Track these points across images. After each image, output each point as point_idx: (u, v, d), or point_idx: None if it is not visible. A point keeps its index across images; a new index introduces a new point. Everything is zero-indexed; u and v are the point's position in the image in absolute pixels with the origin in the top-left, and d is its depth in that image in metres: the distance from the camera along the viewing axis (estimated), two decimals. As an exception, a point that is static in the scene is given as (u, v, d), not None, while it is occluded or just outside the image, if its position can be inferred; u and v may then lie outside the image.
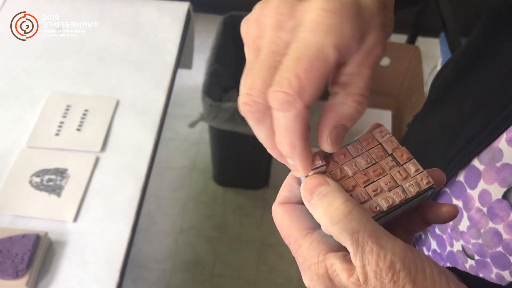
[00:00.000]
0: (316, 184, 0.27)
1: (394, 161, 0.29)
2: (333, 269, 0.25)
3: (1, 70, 0.87)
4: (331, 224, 0.25)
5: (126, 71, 0.88)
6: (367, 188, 0.28)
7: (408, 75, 1.68)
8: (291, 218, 0.28)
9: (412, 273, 0.24)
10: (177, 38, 0.94)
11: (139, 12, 0.98)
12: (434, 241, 0.46)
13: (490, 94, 0.38)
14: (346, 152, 0.30)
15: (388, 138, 0.30)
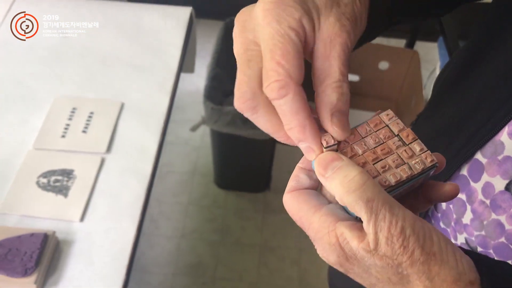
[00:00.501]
0: (330, 159, 0.29)
1: (401, 141, 0.31)
2: (343, 237, 0.27)
3: (8, 75, 0.89)
4: (347, 194, 0.27)
5: (130, 74, 0.90)
6: (376, 165, 0.30)
7: (407, 79, 1.70)
8: (299, 201, 0.30)
9: (420, 239, 0.26)
10: (180, 43, 0.95)
11: (142, 17, 0.99)
12: None
13: (492, 89, 0.40)
14: (355, 132, 0.32)
15: (394, 120, 0.32)
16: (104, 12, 1.00)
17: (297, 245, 1.54)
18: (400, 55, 1.67)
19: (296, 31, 0.29)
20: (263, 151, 1.55)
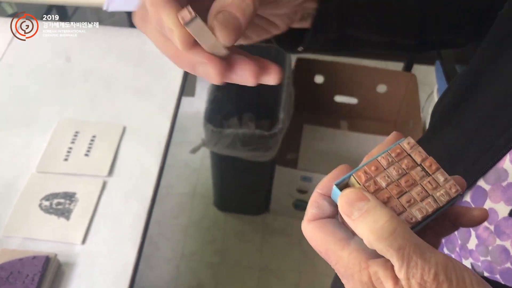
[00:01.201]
0: (356, 198, 0.28)
1: (424, 171, 0.31)
2: (376, 276, 0.27)
3: (13, 98, 0.90)
4: (378, 241, 0.27)
5: (132, 98, 0.91)
6: (400, 199, 0.30)
7: (405, 102, 1.72)
8: (325, 233, 0.29)
9: (453, 283, 0.26)
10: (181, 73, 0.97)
11: (144, 42, 1.01)
12: None
13: (491, 116, 0.40)
14: (377, 164, 0.31)
15: (416, 149, 0.31)
16: (107, 37, 1.02)
17: (297, 267, 1.53)
18: (398, 78, 1.70)
19: None
20: (262, 173, 1.56)
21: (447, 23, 0.49)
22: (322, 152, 1.71)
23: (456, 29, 0.50)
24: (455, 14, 0.49)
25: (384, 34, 0.47)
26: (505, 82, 0.40)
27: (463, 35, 0.50)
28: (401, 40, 0.48)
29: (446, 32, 0.50)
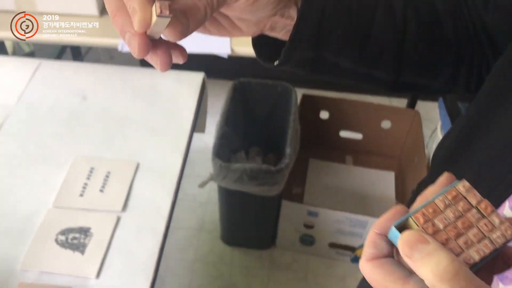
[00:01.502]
0: (416, 240, 0.30)
1: (479, 213, 0.32)
2: None
3: (31, 136, 0.94)
4: (441, 283, 0.28)
5: (146, 136, 0.95)
6: (458, 241, 0.31)
7: (409, 138, 1.75)
8: (384, 272, 0.31)
9: None
10: (193, 106, 1.01)
11: (158, 82, 1.06)
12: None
13: (490, 164, 0.42)
14: (434, 206, 0.32)
15: (471, 192, 0.32)
16: (122, 77, 1.07)
17: (303, 302, 1.53)
18: (402, 115, 1.73)
19: None
20: (269, 207, 1.58)
21: (423, 65, 0.52)
22: (327, 187, 1.73)
23: (431, 73, 0.53)
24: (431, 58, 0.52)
25: (360, 63, 0.50)
26: (503, 131, 0.42)
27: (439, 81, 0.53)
28: (377, 73, 0.51)
29: (421, 75, 0.53)
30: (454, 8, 0.53)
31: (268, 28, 0.45)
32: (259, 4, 0.40)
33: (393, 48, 0.50)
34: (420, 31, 0.51)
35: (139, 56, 0.34)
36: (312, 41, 0.46)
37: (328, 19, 0.45)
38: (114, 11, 0.34)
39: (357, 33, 0.48)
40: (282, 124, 1.75)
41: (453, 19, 0.52)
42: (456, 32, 0.52)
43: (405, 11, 0.50)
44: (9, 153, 0.90)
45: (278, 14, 0.43)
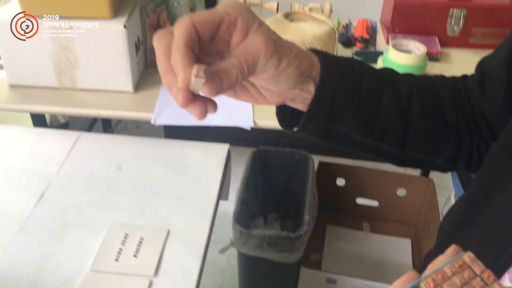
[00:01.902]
0: None
1: (483, 282, 0.36)
2: None
3: (70, 203, 1.01)
4: None
5: (176, 203, 1.02)
6: None
7: (424, 205, 1.79)
8: None
9: None
10: (219, 175, 1.09)
11: (187, 153, 1.14)
12: None
13: (491, 238, 0.47)
14: (443, 273, 0.36)
15: (475, 262, 0.37)
16: (154, 148, 1.16)
17: None
18: (417, 183, 1.79)
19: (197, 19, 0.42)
20: (288, 274, 1.61)
21: (426, 143, 0.59)
22: (345, 253, 1.76)
23: (433, 151, 0.60)
24: (433, 138, 0.59)
25: (369, 137, 0.57)
26: (501, 209, 0.48)
27: (442, 159, 0.60)
28: (385, 147, 0.58)
29: (424, 152, 0.60)
30: (454, 94, 0.61)
31: (289, 99, 0.53)
32: (282, 77, 0.48)
33: (398, 126, 0.57)
34: (423, 112, 0.58)
35: (182, 106, 0.43)
36: (326, 114, 0.53)
37: (340, 97, 0.53)
38: (163, 71, 0.43)
39: (366, 110, 0.55)
40: (300, 191, 1.81)
41: (453, 104, 0.60)
42: (456, 116, 0.60)
43: (410, 93, 0.58)
44: (50, 219, 0.97)
45: (298, 88, 0.51)
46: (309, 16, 1.47)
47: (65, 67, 1.30)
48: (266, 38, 0.45)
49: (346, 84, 0.53)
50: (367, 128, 0.56)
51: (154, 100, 1.31)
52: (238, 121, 1.25)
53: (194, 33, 0.42)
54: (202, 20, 0.42)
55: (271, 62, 0.45)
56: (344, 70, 0.53)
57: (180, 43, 0.41)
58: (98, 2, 1.22)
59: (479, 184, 0.55)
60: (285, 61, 0.46)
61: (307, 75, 0.50)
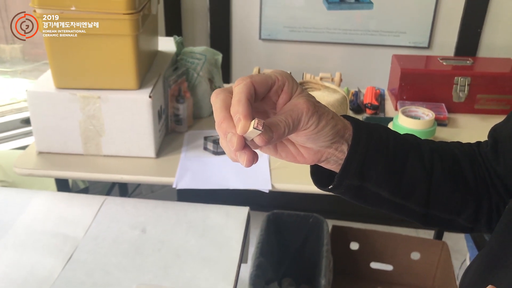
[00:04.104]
0: None
1: None
2: None
3: (97, 265, 1.04)
4: None
5: (199, 265, 1.04)
6: None
7: (439, 269, 1.79)
8: None
9: None
10: (240, 237, 1.12)
11: (208, 216, 1.18)
12: None
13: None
14: None
15: None
16: (176, 211, 1.20)
17: None
18: (431, 246, 1.80)
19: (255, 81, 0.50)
20: None
21: (448, 202, 0.63)
22: (362, 319, 1.74)
23: (455, 210, 0.64)
24: (454, 196, 0.63)
25: (396, 196, 0.61)
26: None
27: (463, 218, 0.64)
28: (411, 205, 0.62)
29: (446, 211, 0.64)
30: (471, 158, 0.66)
31: (324, 159, 0.58)
32: (321, 135, 0.53)
33: (422, 186, 0.62)
34: (445, 173, 0.63)
35: (236, 149, 0.48)
36: (357, 173, 0.59)
37: (370, 157, 0.58)
38: (221, 120, 0.48)
39: (393, 170, 0.60)
40: (314, 255, 1.82)
41: (471, 166, 0.65)
42: (474, 177, 0.64)
43: (432, 156, 0.63)
44: (78, 280, 1.00)
45: (333, 147, 0.56)
46: (320, 84, 1.56)
47: (91, 135, 1.37)
48: (307, 100, 0.51)
49: (375, 145, 0.59)
50: (394, 187, 0.61)
51: (175, 165, 1.37)
52: (256, 184, 1.30)
53: (253, 90, 0.49)
54: (260, 81, 0.49)
55: (312, 120, 0.51)
56: (373, 132, 0.59)
57: (242, 97, 0.47)
58: (126, 75, 1.31)
59: (496, 239, 0.58)
60: (324, 120, 0.52)
61: (342, 135, 0.56)
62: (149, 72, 1.45)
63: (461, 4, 2.04)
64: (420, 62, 1.75)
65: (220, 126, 0.49)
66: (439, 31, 2.08)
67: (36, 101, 1.33)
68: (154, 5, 1.45)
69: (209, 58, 1.61)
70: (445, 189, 0.63)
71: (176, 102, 1.50)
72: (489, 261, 0.58)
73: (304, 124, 0.51)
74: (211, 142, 1.46)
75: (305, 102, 0.51)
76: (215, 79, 1.64)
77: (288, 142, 0.57)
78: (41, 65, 2.21)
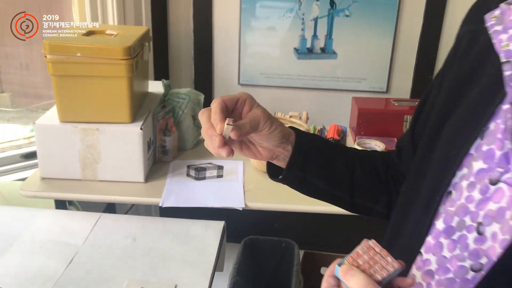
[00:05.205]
0: (347, 269, 0.58)
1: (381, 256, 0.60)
2: None
3: (94, 265, 1.23)
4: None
5: (182, 266, 1.24)
6: (370, 270, 0.59)
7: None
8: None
9: None
10: (216, 245, 1.32)
11: (190, 227, 1.39)
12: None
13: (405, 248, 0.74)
14: (358, 253, 0.60)
15: (376, 245, 0.61)
16: (163, 224, 1.40)
17: None
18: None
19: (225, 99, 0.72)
20: None
21: (367, 192, 0.86)
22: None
23: (373, 198, 0.87)
24: (371, 188, 0.87)
25: (330, 186, 0.84)
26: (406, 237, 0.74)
27: (380, 206, 0.87)
28: (340, 194, 0.85)
29: (368, 200, 0.87)
30: (383, 160, 0.90)
31: (275, 157, 0.81)
32: (272, 136, 0.76)
33: (348, 179, 0.85)
34: (363, 170, 0.87)
35: (218, 146, 0.70)
36: (300, 167, 0.81)
37: (309, 156, 0.82)
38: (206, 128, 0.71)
39: (326, 166, 0.84)
40: (286, 276, 2.00)
41: (383, 166, 0.89)
42: (386, 174, 0.88)
43: (354, 158, 0.87)
44: (78, 277, 1.19)
45: (281, 147, 0.79)
46: (289, 121, 1.81)
47: (89, 162, 1.58)
48: (263, 111, 0.75)
49: (313, 147, 0.83)
50: (328, 179, 0.84)
51: (161, 188, 1.58)
52: (231, 203, 1.51)
53: (224, 105, 0.72)
54: (228, 98, 0.73)
55: (266, 124, 0.75)
56: (310, 138, 0.83)
57: (217, 110, 0.71)
58: (121, 110, 1.54)
59: (395, 214, 0.81)
60: (274, 125, 0.76)
61: (287, 138, 0.79)
62: (141, 109, 1.69)
63: (414, 54, 2.34)
64: (376, 103, 2.03)
65: (206, 132, 0.72)
66: (396, 77, 2.38)
67: (42, 133, 1.55)
68: (146, 52, 1.71)
69: (193, 98, 1.86)
70: (364, 183, 0.87)
71: (163, 135, 1.73)
72: (390, 231, 0.81)
73: (261, 126, 0.75)
74: (193, 169, 1.68)
75: (262, 112, 0.75)
76: (197, 116, 1.88)
77: (250, 143, 0.80)
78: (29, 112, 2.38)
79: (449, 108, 0.73)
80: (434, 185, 0.71)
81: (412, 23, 2.27)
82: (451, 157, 0.69)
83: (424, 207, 0.72)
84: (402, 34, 2.28)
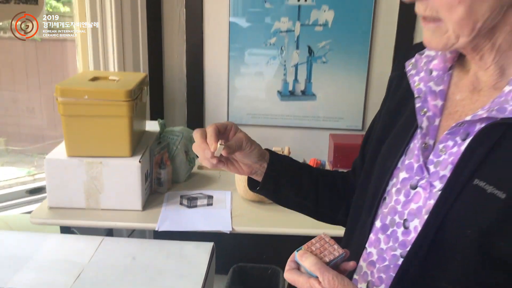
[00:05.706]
0: (303, 253, 0.78)
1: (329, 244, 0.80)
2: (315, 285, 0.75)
3: (99, 281, 1.40)
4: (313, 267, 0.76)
5: (176, 279, 1.41)
6: (321, 254, 0.79)
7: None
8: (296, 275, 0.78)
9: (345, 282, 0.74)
10: (206, 261, 1.50)
11: (183, 248, 1.56)
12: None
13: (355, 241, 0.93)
14: (312, 242, 0.80)
15: (327, 236, 0.81)
16: (160, 246, 1.58)
17: None
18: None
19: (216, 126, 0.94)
20: None
21: (329, 202, 1.06)
22: None
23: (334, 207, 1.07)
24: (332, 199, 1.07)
25: (299, 196, 1.04)
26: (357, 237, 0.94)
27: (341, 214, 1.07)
28: (308, 204, 1.05)
29: (330, 209, 1.07)
30: (343, 178, 1.11)
31: (254, 172, 1.02)
32: (252, 154, 0.98)
33: (312, 192, 1.05)
34: (325, 184, 1.07)
35: (212, 161, 0.92)
36: (275, 179, 1.02)
37: (282, 171, 1.03)
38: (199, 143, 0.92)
39: (295, 180, 1.05)
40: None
41: (342, 182, 1.10)
42: (344, 189, 1.09)
43: (317, 175, 1.08)
44: (85, 291, 1.36)
45: (258, 164, 1.01)
46: (272, 155, 2.01)
47: (92, 192, 1.77)
48: (245, 135, 0.98)
49: (284, 164, 1.04)
50: (296, 190, 1.05)
51: (157, 215, 1.77)
52: (220, 227, 1.69)
53: (217, 129, 0.93)
54: (220, 125, 0.95)
55: (248, 145, 0.96)
56: (282, 157, 1.04)
57: (212, 132, 0.92)
58: (123, 146, 1.75)
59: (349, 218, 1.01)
60: (253, 146, 0.98)
61: (263, 156, 1.01)
62: (139, 144, 1.89)
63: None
64: (350, 138, 2.25)
65: (199, 146, 0.93)
66: (370, 116, 2.61)
67: (51, 166, 1.74)
68: (144, 95, 1.93)
69: (186, 135, 2.07)
70: (327, 195, 1.07)
71: (159, 168, 1.93)
72: (346, 232, 1.00)
73: (244, 146, 0.96)
74: (185, 199, 1.87)
75: (244, 135, 0.97)
76: (190, 151, 2.09)
77: (234, 161, 1.01)
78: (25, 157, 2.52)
79: (383, 134, 0.95)
80: (374, 192, 0.91)
81: (382, 67, 2.52)
82: (385, 171, 0.90)
83: (367, 211, 0.92)
84: (374, 77, 2.53)
